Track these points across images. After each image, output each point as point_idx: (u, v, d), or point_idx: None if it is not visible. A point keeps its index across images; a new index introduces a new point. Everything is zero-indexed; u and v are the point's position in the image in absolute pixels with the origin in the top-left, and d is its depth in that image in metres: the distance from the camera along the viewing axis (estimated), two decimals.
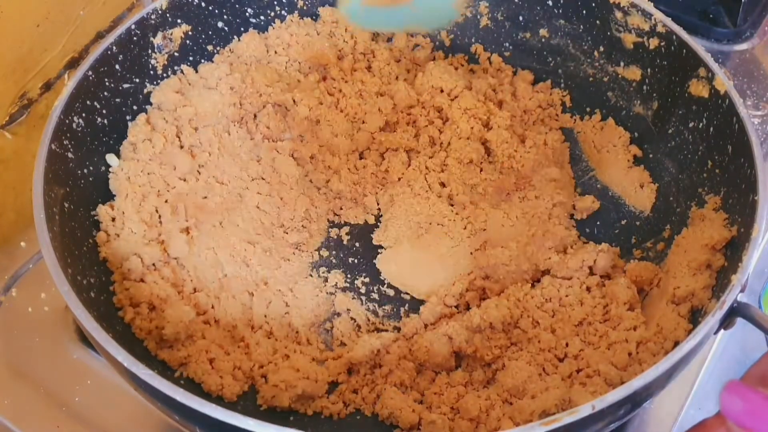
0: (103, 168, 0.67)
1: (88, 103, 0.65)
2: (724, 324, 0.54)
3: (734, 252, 0.59)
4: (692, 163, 0.68)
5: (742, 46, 0.89)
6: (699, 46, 0.67)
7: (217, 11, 0.74)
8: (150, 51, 0.71)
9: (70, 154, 0.63)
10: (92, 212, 0.64)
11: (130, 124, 0.69)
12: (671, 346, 0.57)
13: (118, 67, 0.68)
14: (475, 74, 0.80)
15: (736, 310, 0.53)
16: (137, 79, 0.70)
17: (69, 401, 0.65)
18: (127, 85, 0.69)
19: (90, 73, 0.65)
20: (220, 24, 0.75)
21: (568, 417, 0.46)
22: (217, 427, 0.47)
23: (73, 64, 0.76)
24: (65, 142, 0.62)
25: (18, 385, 0.66)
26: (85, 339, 0.68)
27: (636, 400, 0.50)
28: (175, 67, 0.73)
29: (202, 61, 0.75)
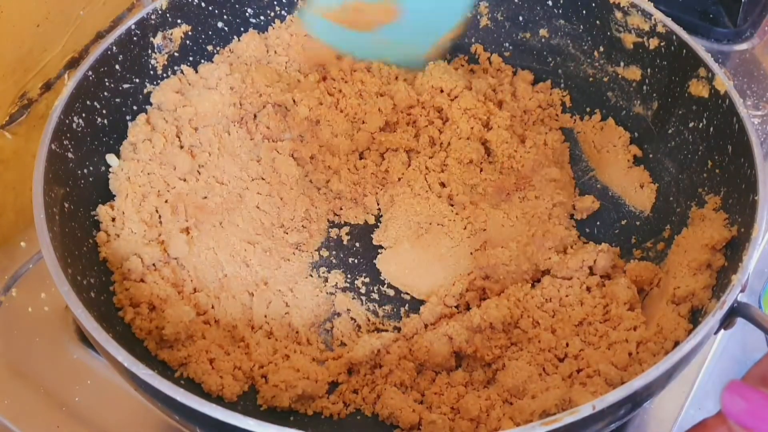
0: (103, 168, 0.67)
1: (88, 103, 0.65)
2: (724, 324, 0.54)
3: (734, 252, 0.59)
4: (692, 163, 0.68)
5: (742, 46, 0.89)
6: (699, 46, 0.67)
7: (217, 11, 0.74)
8: (150, 51, 0.71)
9: (70, 154, 0.63)
10: (92, 212, 0.64)
11: (130, 124, 0.69)
12: (671, 346, 0.57)
13: (118, 67, 0.68)
14: (475, 74, 0.80)
15: (737, 310, 0.53)
16: (137, 79, 0.70)
17: (69, 401, 0.65)
18: (127, 85, 0.69)
19: (90, 73, 0.65)
20: (220, 24, 0.75)
21: (568, 417, 0.46)
22: (217, 427, 0.47)
23: (73, 64, 0.76)
24: (65, 142, 0.62)
25: (18, 385, 0.66)
26: (85, 339, 0.68)
27: (636, 400, 0.50)
28: (175, 67, 0.73)
29: (202, 61, 0.75)
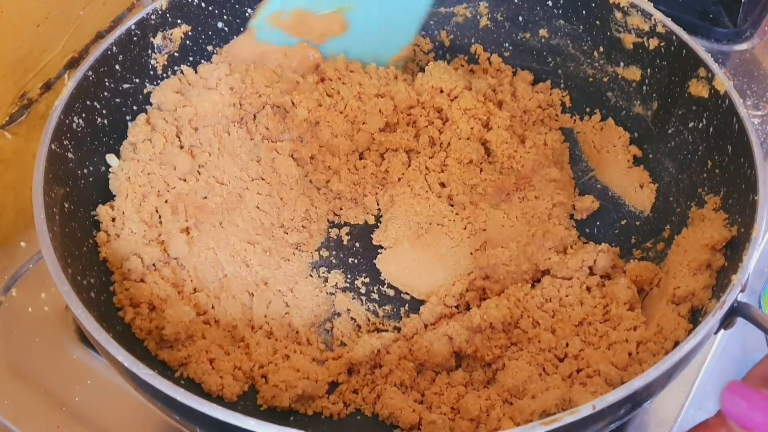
0: (103, 168, 0.67)
1: (88, 103, 0.65)
2: (724, 324, 0.54)
3: (734, 252, 0.59)
4: (692, 163, 0.68)
5: (742, 46, 0.89)
6: (699, 47, 0.66)
7: (217, 11, 0.74)
8: (150, 51, 0.71)
9: (70, 154, 0.63)
10: (92, 212, 0.64)
11: (130, 124, 0.69)
12: (671, 346, 0.57)
13: (118, 67, 0.68)
14: (474, 74, 0.80)
15: (737, 310, 0.53)
16: (137, 80, 0.70)
17: (69, 401, 0.65)
18: (127, 85, 0.69)
19: (90, 73, 0.65)
20: (220, 24, 0.75)
21: (568, 417, 0.46)
22: (218, 427, 0.47)
23: (73, 64, 0.76)
24: (65, 142, 0.62)
25: (18, 385, 0.66)
26: (85, 339, 0.68)
27: (636, 400, 0.50)
28: (175, 68, 0.73)
29: (202, 61, 0.75)
